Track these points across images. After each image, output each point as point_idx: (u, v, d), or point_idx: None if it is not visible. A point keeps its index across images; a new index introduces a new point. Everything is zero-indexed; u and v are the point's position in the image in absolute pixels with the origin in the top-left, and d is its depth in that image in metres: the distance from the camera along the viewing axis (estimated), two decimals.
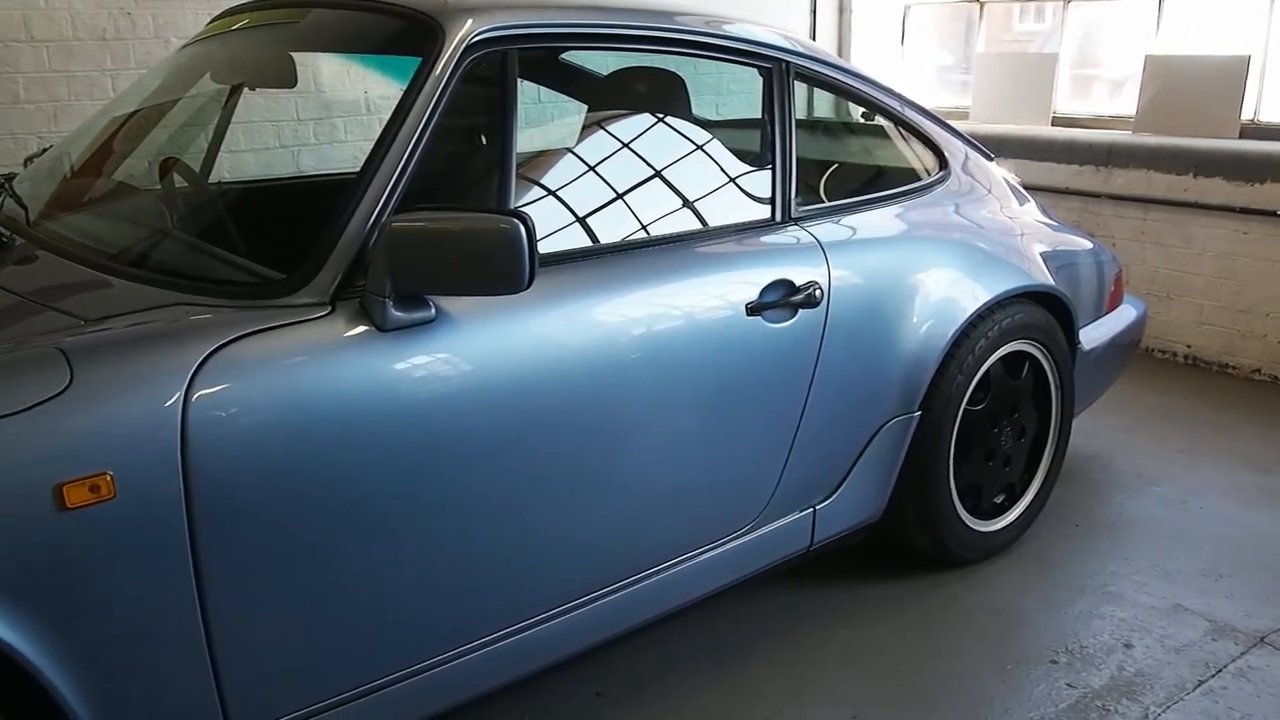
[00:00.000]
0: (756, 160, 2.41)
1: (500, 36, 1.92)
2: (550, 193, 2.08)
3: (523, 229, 1.60)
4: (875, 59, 6.04)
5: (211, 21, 2.54)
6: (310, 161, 4.17)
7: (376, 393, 1.65)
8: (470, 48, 1.88)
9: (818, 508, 2.46)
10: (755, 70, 2.40)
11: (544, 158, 2.26)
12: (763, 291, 2.18)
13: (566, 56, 2.80)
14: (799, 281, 2.24)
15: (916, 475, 2.59)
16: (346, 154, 4.19)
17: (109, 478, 1.41)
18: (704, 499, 2.21)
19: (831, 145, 3.19)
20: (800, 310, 2.24)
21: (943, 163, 2.86)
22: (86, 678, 1.46)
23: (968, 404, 2.65)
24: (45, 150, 2.61)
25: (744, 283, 2.17)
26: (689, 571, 2.23)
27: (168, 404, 1.47)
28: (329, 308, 1.66)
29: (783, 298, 2.21)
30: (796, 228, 2.36)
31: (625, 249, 2.08)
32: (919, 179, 2.79)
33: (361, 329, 1.66)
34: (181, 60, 2.50)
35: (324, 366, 1.61)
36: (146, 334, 1.54)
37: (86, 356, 1.46)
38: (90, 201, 2.26)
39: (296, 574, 1.64)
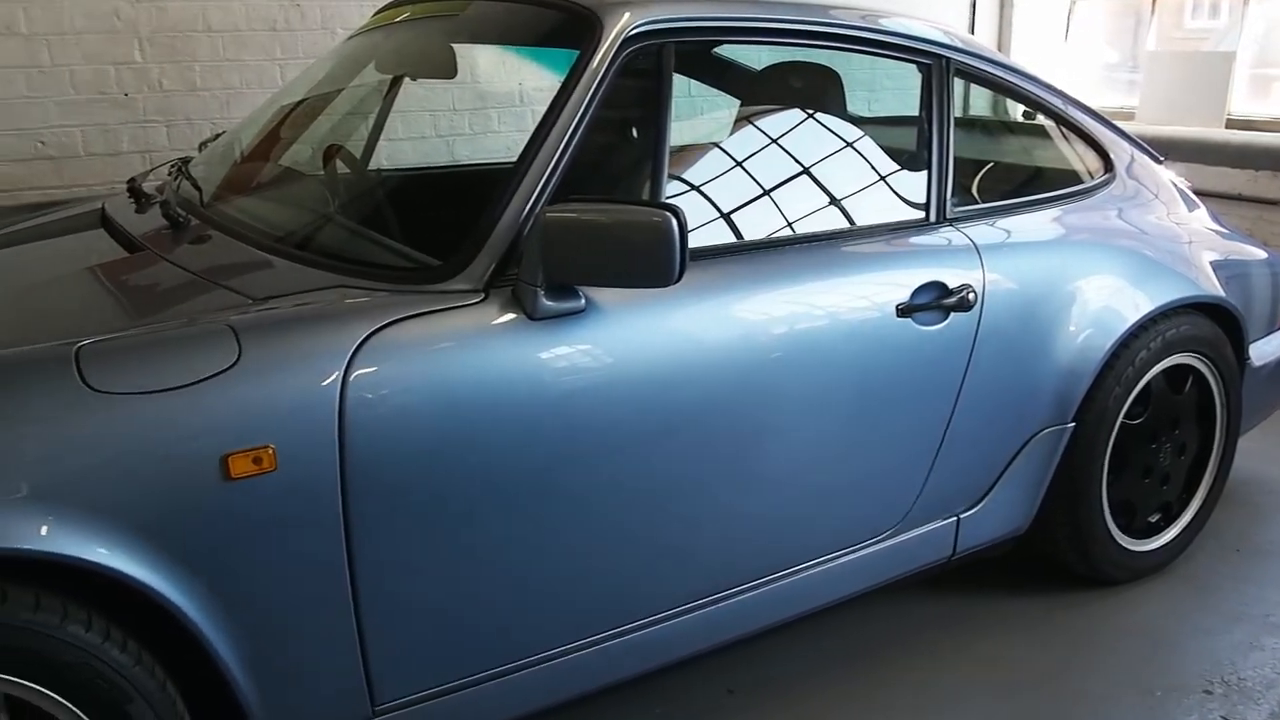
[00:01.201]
0: (911, 159, 2.35)
1: (657, 30, 1.93)
2: (698, 187, 2.07)
3: (675, 222, 1.60)
4: (1037, 55, 5.84)
5: (376, 13, 2.62)
6: (465, 151, 4.27)
7: (525, 380, 1.68)
8: (627, 41, 1.88)
9: (961, 516, 2.40)
10: (914, 66, 2.35)
11: (695, 151, 2.26)
12: (914, 293, 2.13)
13: (720, 50, 2.79)
14: (952, 284, 2.18)
15: (1067, 488, 2.50)
16: (500, 144, 4.27)
17: (271, 451, 1.47)
18: (845, 501, 2.18)
19: (988, 144, 3.10)
20: (952, 314, 2.18)
21: (1107, 165, 2.74)
22: (243, 641, 1.52)
23: (1125, 417, 2.54)
24: (218, 136, 2.73)
25: (895, 284, 2.12)
26: (827, 574, 2.20)
27: (326, 382, 1.52)
28: (482, 295, 1.69)
29: (935, 300, 2.16)
30: (951, 229, 2.29)
31: (776, 245, 2.06)
32: (1081, 181, 2.68)
33: (512, 317, 1.69)
34: (346, 51, 2.58)
35: (475, 352, 1.64)
36: (309, 314, 1.60)
37: (254, 334, 1.52)
38: (258, 185, 2.36)
39: (440, 553, 1.68)
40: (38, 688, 1.39)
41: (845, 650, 2.43)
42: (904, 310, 2.11)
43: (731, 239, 2.03)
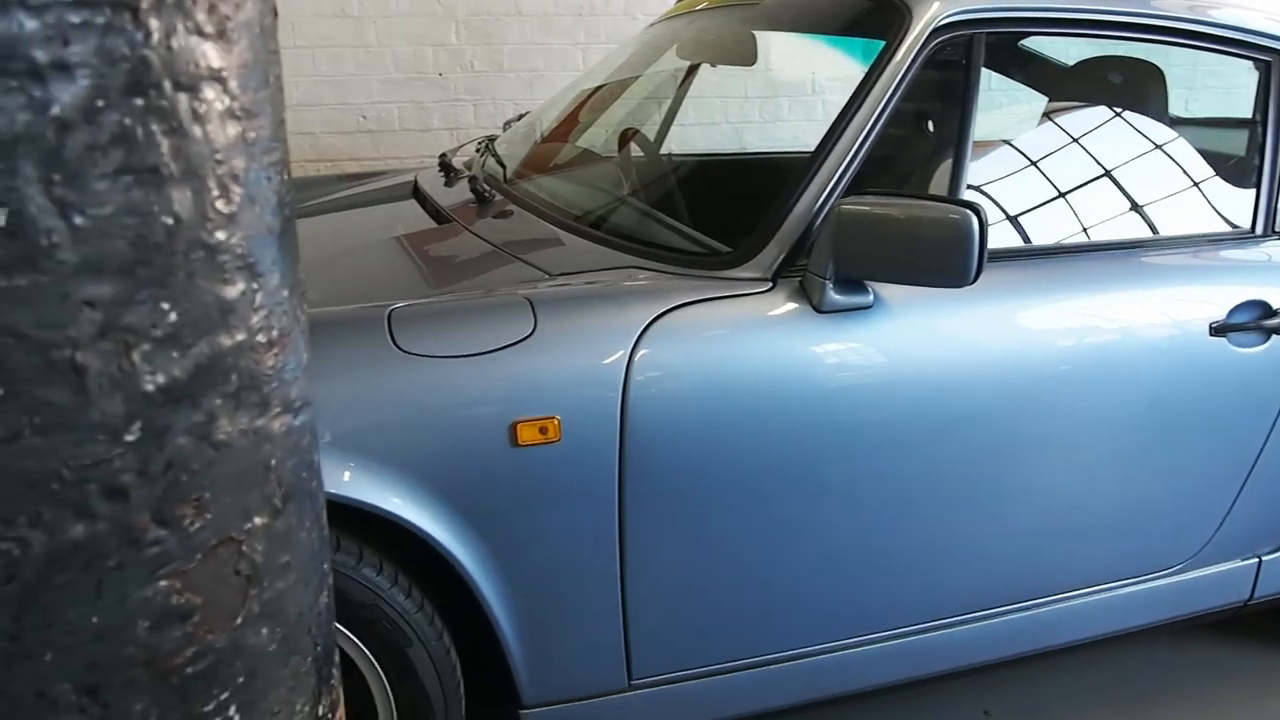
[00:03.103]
0: (1238, 165, 2.16)
1: (967, 20, 1.85)
2: (994, 185, 1.98)
3: (975, 221, 1.54)
4: None
5: (680, 0, 2.66)
6: (752, 139, 4.29)
7: (805, 373, 1.66)
8: (936, 31, 1.82)
9: (1264, 558, 2.19)
10: (1250, 64, 2.15)
11: (993, 148, 2.16)
12: (1232, 311, 1.96)
13: (1028, 42, 2.66)
14: (1277, 304, 1.99)
15: None
16: (787, 134, 4.26)
17: (556, 422, 1.53)
18: (1128, 529, 2.03)
19: None
20: (1274, 336, 1.99)
21: None
22: (516, 603, 1.59)
23: None
24: (522, 116, 2.86)
25: (1209, 300, 1.96)
26: (1101, 604, 2.06)
27: (612, 360, 1.56)
28: (769, 284, 1.69)
29: (1256, 320, 1.97)
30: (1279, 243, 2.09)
31: (1073, 251, 1.95)
32: None
33: (797, 308, 1.67)
34: (647, 38, 2.64)
35: (759, 341, 1.64)
36: (601, 293, 1.65)
37: (549, 308, 1.58)
38: (557, 165, 2.46)
39: (704, 537, 1.69)
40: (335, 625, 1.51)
41: (1116, 688, 2.28)
42: (1218, 329, 1.95)
43: (1024, 242, 1.94)
